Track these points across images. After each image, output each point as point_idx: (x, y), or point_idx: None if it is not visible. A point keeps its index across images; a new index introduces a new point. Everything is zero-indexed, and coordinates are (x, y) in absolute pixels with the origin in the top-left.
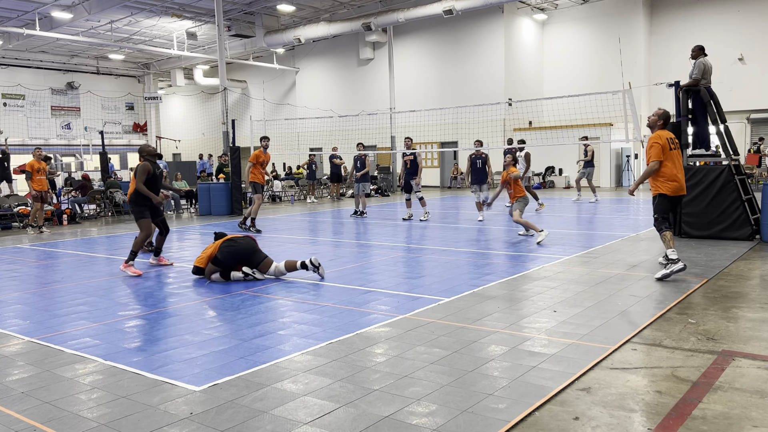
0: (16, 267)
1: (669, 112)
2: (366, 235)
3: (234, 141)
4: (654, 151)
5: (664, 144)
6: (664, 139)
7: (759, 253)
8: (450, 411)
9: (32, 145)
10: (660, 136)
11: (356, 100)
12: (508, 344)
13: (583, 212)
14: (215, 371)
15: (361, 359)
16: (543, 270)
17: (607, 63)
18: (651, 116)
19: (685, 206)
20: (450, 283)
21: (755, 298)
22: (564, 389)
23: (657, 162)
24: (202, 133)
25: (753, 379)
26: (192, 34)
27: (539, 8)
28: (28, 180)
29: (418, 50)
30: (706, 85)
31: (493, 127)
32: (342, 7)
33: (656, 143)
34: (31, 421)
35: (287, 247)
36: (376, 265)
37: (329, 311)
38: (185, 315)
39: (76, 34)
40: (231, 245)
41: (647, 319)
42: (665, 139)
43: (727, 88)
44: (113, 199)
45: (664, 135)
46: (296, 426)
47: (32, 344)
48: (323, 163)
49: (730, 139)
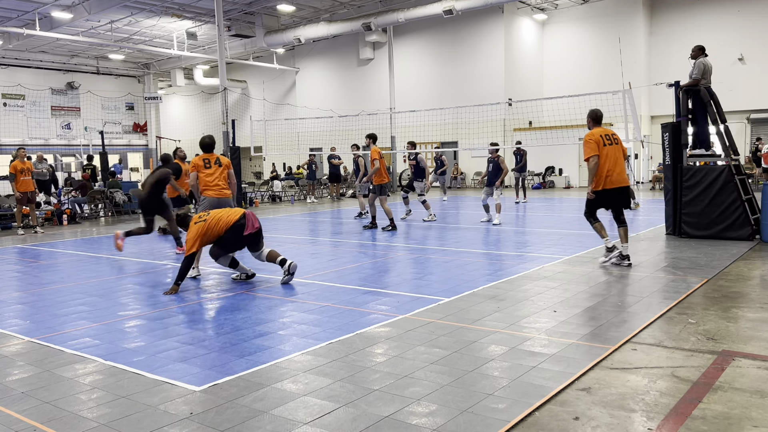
0: (16, 267)
1: (598, 111)
2: (366, 235)
3: (234, 141)
4: (588, 148)
5: (598, 140)
6: (598, 136)
7: (759, 253)
8: (450, 411)
9: (32, 145)
10: (593, 133)
11: (356, 100)
12: (508, 344)
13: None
14: (215, 371)
15: (361, 359)
16: (543, 270)
17: (607, 63)
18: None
19: (685, 206)
20: (450, 283)
21: (755, 298)
22: (564, 389)
23: (596, 156)
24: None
25: (753, 379)
26: (192, 34)
27: (539, 8)
28: (12, 182)
29: (418, 50)
30: (706, 85)
31: (493, 127)
32: (342, 7)
33: (590, 140)
34: (31, 421)
35: (287, 247)
36: (376, 265)
37: (329, 311)
38: (185, 315)
39: (76, 34)
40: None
41: (647, 319)
42: (599, 136)
43: (727, 88)
44: (113, 199)
45: (597, 132)
46: (296, 426)
47: (32, 344)
48: (323, 163)
49: (730, 139)
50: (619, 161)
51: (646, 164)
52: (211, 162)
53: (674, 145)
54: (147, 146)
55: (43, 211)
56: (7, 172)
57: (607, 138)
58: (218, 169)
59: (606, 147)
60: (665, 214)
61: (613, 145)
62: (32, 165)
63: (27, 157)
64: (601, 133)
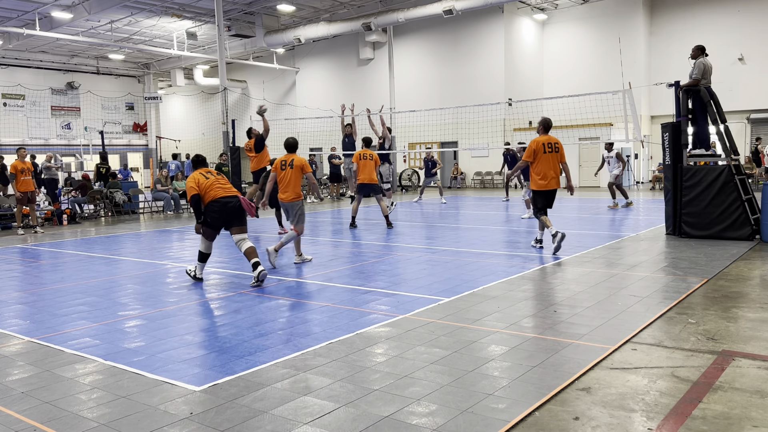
0: (16, 267)
1: (548, 120)
2: (366, 235)
3: (234, 141)
4: (526, 152)
5: (537, 147)
6: (539, 144)
7: (759, 253)
8: (450, 411)
9: (32, 145)
10: (537, 141)
11: (356, 100)
12: (508, 344)
13: (584, 212)
14: (215, 371)
15: (361, 359)
16: (543, 270)
17: (607, 63)
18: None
19: (685, 206)
20: (450, 283)
21: (755, 298)
22: (564, 389)
23: (524, 162)
24: (202, 133)
25: (753, 379)
26: (192, 34)
27: (539, 8)
28: (12, 182)
29: (418, 50)
30: (706, 85)
31: (493, 127)
32: (342, 7)
33: (530, 146)
34: (31, 421)
35: (287, 247)
36: (376, 265)
37: (329, 311)
38: (185, 315)
39: (76, 34)
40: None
41: (647, 319)
42: (540, 144)
43: (727, 88)
44: (113, 199)
45: (540, 140)
46: (296, 426)
47: (32, 344)
48: (323, 163)
49: (730, 139)
50: (555, 167)
51: (646, 164)
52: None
53: (674, 145)
54: (147, 146)
55: (43, 211)
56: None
57: (549, 146)
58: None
59: (546, 154)
60: (665, 214)
61: (552, 153)
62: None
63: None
64: (544, 141)
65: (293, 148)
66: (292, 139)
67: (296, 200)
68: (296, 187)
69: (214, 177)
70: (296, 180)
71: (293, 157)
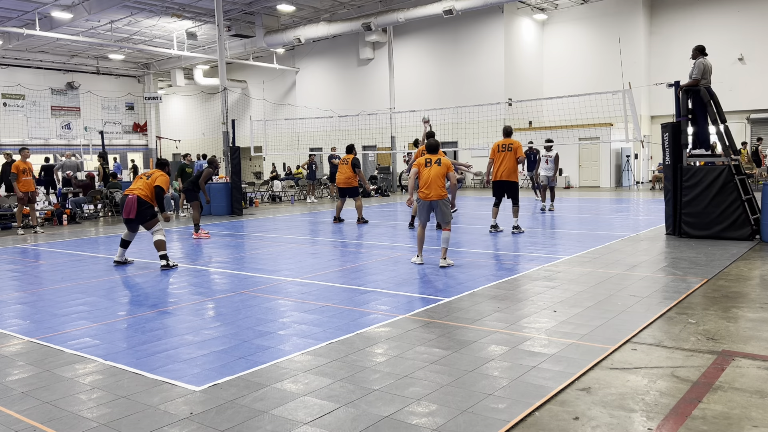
0: (16, 267)
1: (509, 127)
2: (366, 235)
3: (234, 141)
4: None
5: (494, 147)
6: (497, 145)
7: (759, 253)
8: (450, 411)
9: (33, 145)
10: (497, 143)
11: (356, 100)
12: (508, 344)
13: (584, 212)
14: (215, 371)
15: (361, 359)
16: (543, 270)
17: (607, 63)
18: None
19: (685, 206)
20: (450, 283)
21: (755, 298)
22: (564, 389)
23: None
24: (202, 133)
25: (753, 379)
26: (192, 34)
27: (539, 8)
28: (13, 182)
29: (418, 50)
30: (706, 85)
31: (493, 127)
32: (342, 7)
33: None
34: (31, 421)
35: (287, 247)
36: (376, 265)
37: (329, 311)
38: (185, 315)
39: (76, 34)
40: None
41: (647, 319)
42: (499, 145)
43: (727, 88)
44: (113, 199)
45: (501, 142)
46: (296, 426)
47: (32, 344)
48: (323, 163)
49: (730, 139)
50: (506, 163)
51: (646, 164)
52: (432, 161)
53: (674, 145)
54: (147, 146)
55: (43, 210)
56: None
57: (503, 147)
58: (435, 168)
59: (501, 153)
60: (665, 214)
61: (506, 152)
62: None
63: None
64: (501, 143)
65: (435, 150)
66: (434, 141)
67: (442, 198)
68: (440, 187)
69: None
70: (439, 179)
71: (439, 157)
